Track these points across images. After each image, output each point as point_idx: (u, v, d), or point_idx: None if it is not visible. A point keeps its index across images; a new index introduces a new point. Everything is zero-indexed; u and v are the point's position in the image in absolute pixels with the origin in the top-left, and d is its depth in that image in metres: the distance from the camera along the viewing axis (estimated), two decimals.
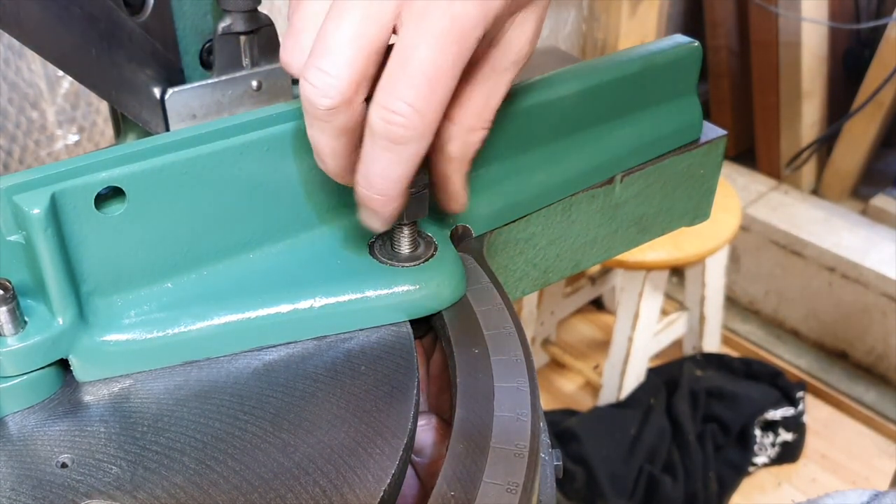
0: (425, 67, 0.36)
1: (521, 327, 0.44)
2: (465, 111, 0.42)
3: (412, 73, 0.36)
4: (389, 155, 0.38)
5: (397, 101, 0.37)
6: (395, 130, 0.37)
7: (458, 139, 0.43)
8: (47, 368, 0.40)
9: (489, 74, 0.42)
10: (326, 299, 0.44)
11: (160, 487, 0.36)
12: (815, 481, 2.00)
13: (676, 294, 2.36)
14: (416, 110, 0.37)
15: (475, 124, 0.43)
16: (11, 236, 0.39)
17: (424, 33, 0.36)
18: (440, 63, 0.36)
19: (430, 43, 0.36)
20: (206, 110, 0.55)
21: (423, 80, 0.36)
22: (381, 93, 0.37)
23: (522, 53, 0.42)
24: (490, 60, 0.42)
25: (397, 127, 0.37)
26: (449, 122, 0.42)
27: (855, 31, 2.37)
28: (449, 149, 0.43)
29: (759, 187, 2.44)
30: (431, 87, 0.37)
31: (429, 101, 0.37)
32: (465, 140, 0.43)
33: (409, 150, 0.38)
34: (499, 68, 0.42)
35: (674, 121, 0.61)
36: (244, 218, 0.45)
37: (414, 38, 0.36)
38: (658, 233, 0.66)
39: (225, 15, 0.53)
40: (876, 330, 2.18)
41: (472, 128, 0.43)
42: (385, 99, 0.37)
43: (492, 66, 0.42)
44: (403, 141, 0.38)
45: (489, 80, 0.42)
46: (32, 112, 1.18)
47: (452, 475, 0.35)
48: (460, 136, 0.43)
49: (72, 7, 0.46)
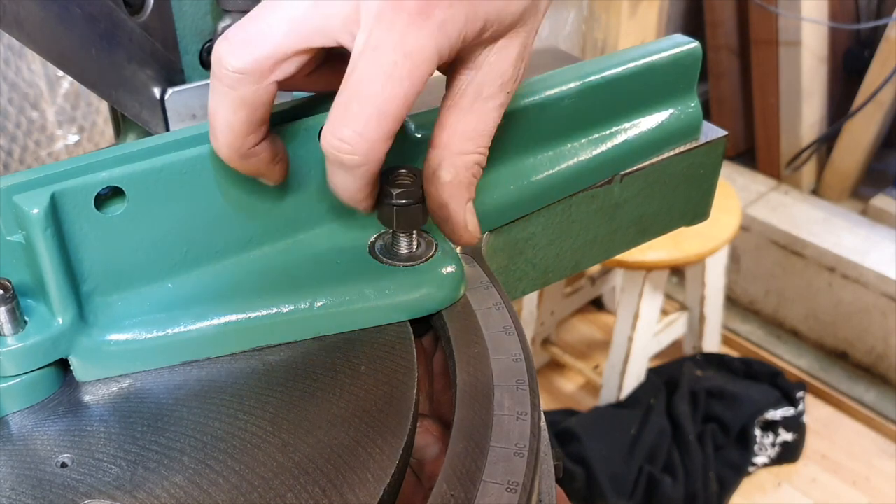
0: (376, 100, 0.37)
1: (521, 327, 0.44)
2: (453, 137, 0.43)
3: (362, 104, 0.38)
4: (343, 174, 0.41)
5: (346, 129, 0.38)
6: (344, 157, 0.39)
7: (448, 163, 0.43)
8: (47, 368, 0.40)
9: (474, 101, 0.42)
10: (326, 299, 0.44)
11: (160, 487, 0.36)
12: (815, 481, 2.00)
13: (676, 294, 2.36)
14: (364, 138, 0.38)
15: (465, 149, 0.43)
16: (11, 236, 0.39)
17: (377, 66, 0.37)
18: (390, 96, 0.38)
19: (381, 76, 0.37)
20: (206, 110, 0.55)
21: (372, 113, 0.38)
22: (333, 121, 0.39)
23: (507, 77, 0.43)
24: (474, 87, 0.42)
25: (345, 154, 0.39)
26: (436, 148, 0.43)
27: (855, 31, 2.37)
28: (440, 174, 0.43)
29: (759, 187, 2.44)
30: (380, 118, 0.38)
31: (377, 130, 0.38)
32: (454, 164, 0.43)
33: (359, 170, 0.40)
34: (484, 94, 0.42)
35: (674, 121, 0.61)
36: (244, 218, 0.45)
37: (366, 71, 0.37)
38: (658, 233, 0.65)
39: (225, 15, 0.53)
40: (876, 330, 2.18)
41: (461, 152, 0.43)
42: (335, 127, 0.39)
43: (477, 93, 0.42)
44: (352, 164, 0.39)
45: (476, 106, 0.43)
46: (32, 112, 1.18)
47: (452, 475, 0.35)
48: (449, 160, 0.43)
49: (72, 7, 0.46)
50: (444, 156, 0.43)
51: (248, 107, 0.39)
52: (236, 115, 0.39)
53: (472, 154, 0.43)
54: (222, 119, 0.39)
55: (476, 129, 0.43)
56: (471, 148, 0.43)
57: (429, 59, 0.38)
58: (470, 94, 0.42)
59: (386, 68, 0.37)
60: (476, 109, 0.43)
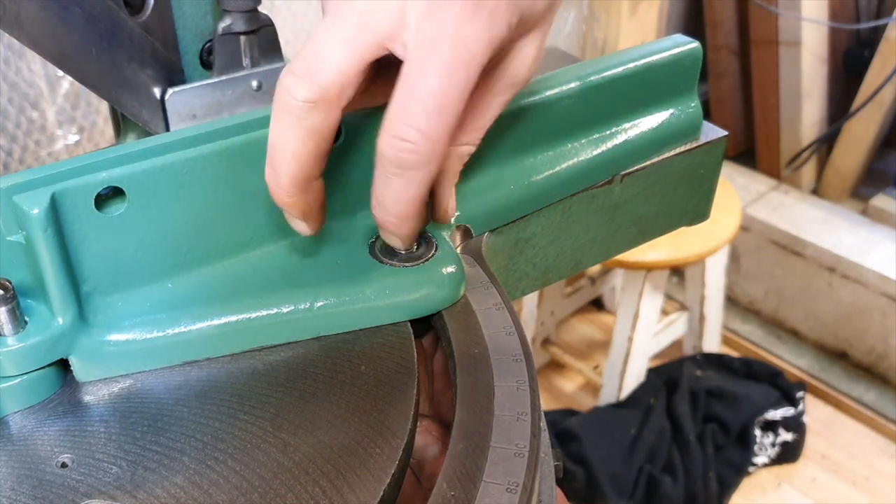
0: (434, 95, 0.37)
1: (521, 327, 0.44)
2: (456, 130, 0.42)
3: (421, 101, 0.37)
4: (401, 180, 0.39)
5: (407, 127, 0.37)
6: (405, 157, 0.38)
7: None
8: (47, 368, 0.40)
9: (483, 95, 0.42)
10: (326, 299, 0.44)
11: (160, 487, 0.36)
12: (815, 481, 2.00)
13: (676, 294, 2.36)
14: (425, 136, 0.37)
15: (463, 140, 0.43)
16: (11, 236, 0.39)
17: (433, 61, 0.37)
18: (448, 90, 0.37)
19: (438, 71, 0.37)
20: (206, 110, 0.55)
21: (432, 107, 0.37)
22: (391, 120, 0.38)
23: (520, 78, 0.43)
24: (487, 82, 0.42)
25: (407, 154, 0.38)
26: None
27: (855, 31, 2.37)
28: None
29: (759, 187, 2.44)
30: (440, 114, 0.37)
31: (438, 126, 0.37)
32: (449, 155, 0.43)
33: (419, 174, 0.39)
34: (494, 90, 0.42)
35: (674, 121, 0.61)
36: (244, 218, 0.45)
37: (422, 66, 0.37)
38: (658, 233, 0.65)
39: (225, 15, 0.53)
40: (876, 330, 2.18)
41: (459, 143, 0.43)
42: (394, 126, 0.38)
43: (487, 88, 0.42)
44: (413, 166, 0.38)
45: (483, 101, 0.43)
46: (32, 112, 1.18)
47: (452, 475, 0.35)
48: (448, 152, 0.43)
49: (72, 7, 0.46)
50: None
51: (317, 136, 0.38)
52: (305, 147, 0.38)
53: (467, 146, 0.44)
54: (289, 151, 0.39)
55: (475, 124, 0.43)
56: (467, 140, 0.43)
57: (483, 50, 0.37)
58: (480, 89, 0.42)
59: (442, 61, 0.37)
60: (482, 104, 0.43)
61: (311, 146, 0.39)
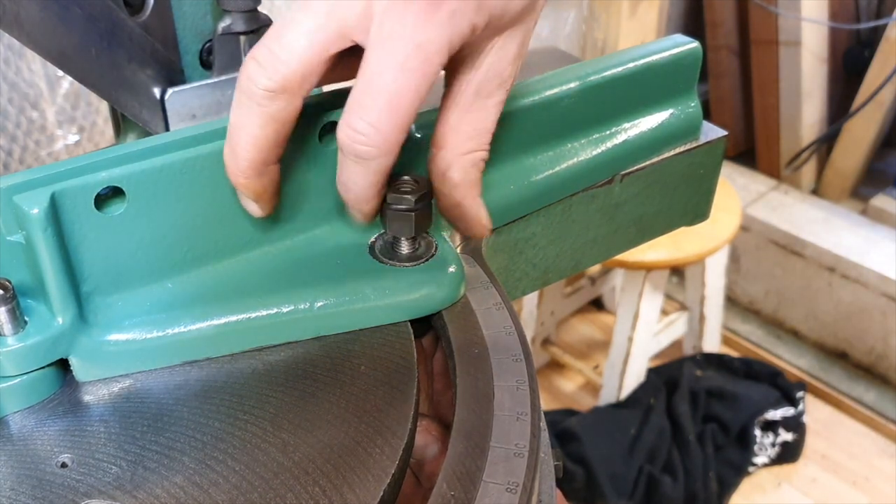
0: (388, 92, 0.38)
1: (521, 327, 0.44)
2: (458, 138, 0.43)
3: (375, 96, 0.38)
4: (357, 167, 0.41)
5: (360, 121, 0.39)
6: (359, 148, 0.39)
7: (457, 164, 0.44)
8: (47, 368, 0.40)
9: (475, 100, 0.43)
10: (326, 299, 0.44)
11: (160, 487, 0.36)
12: (815, 481, 2.00)
13: (676, 294, 2.36)
14: (377, 130, 0.39)
15: (471, 147, 0.44)
16: (11, 236, 0.39)
17: (389, 58, 0.38)
18: (402, 89, 0.38)
19: (393, 69, 0.38)
20: (206, 110, 0.55)
21: (383, 104, 0.38)
22: (348, 113, 0.39)
23: (505, 75, 0.43)
24: (474, 86, 0.43)
25: (360, 145, 0.39)
26: (444, 150, 0.44)
27: (855, 31, 2.37)
28: (451, 175, 0.44)
29: (759, 187, 2.44)
30: (392, 109, 0.38)
31: (389, 122, 0.39)
32: (462, 164, 0.44)
33: (373, 163, 0.40)
34: (483, 93, 0.43)
35: (674, 121, 0.61)
36: (244, 218, 0.45)
37: (379, 63, 0.38)
38: (658, 233, 0.65)
39: (225, 15, 0.53)
40: (876, 330, 2.18)
41: (467, 151, 0.44)
42: (350, 117, 0.39)
43: (476, 92, 0.43)
44: (366, 156, 0.40)
45: (476, 105, 0.43)
46: (32, 112, 1.18)
47: (452, 475, 0.35)
48: (457, 161, 0.44)
49: (72, 7, 0.46)
50: (451, 157, 0.44)
51: (277, 123, 0.40)
52: (264, 131, 0.40)
53: (478, 152, 0.44)
54: (248, 135, 0.40)
55: (478, 128, 0.44)
56: (475, 146, 0.44)
57: (440, 51, 0.38)
58: (470, 94, 0.43)
59: (398, 60, 0.38)
60: (477, 108, 0.43)
61: (271, 132, 0.40)
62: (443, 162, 0.44)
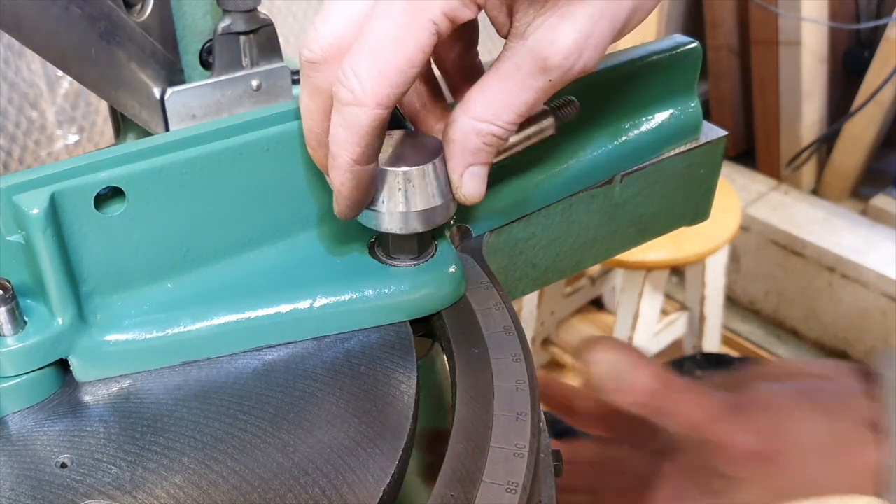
0: (374, 37, 0.38)
1: (521, 327, 0.44)
2: (476, 98, 0.41)
3: (361, 45, 0.39)
4: (338, 117, 0.40)
5: (348, 66, 0.39)
6: (340, 92, 0.39)
7: (460, 123, 0.42)
8: (47, 368, 0.40)
9: (512, 71, 0.40)
10: (326, 299, 0.44)
11: (160, 487, 0.36)
12: None
13: (676, 294, 2.36)
14: (356, 76, 0.38)
15: (482, 114, 0.41)
16: (11, 236, 0.39)
17: (384, 13, 0.38)
18: (389, 35, 0.38)
19: (383, 16, 0.38)
20: (206, 110, 0.55)
21: (368, 50, 0.38)
22: (346, 58, 0.40)
23: (552, 62, 0.39)
24: (516, 58, 0.40)
25: (341, 89, 0.39)
26: (460, 103, 0.42)
27: (855, 31, 2.37)
28: (448, 130, 0.42)
29: (759, 187, 2.44)
30: (375, 57, 0.38)
31: (372, 69, 0.38)
32: (463, 125, 0.42)
33: (351, 113, 0.39)
34: (524, 69, 0.40)
35: (674, 121, 0.61)
36: (244, 218, 0.45)
37: (375, 18, 0.39)
38: (658, 233, 0.65)
39: (225, 15, 0.53)
40: (876, 330, 2.18)
41: (476, 116, 0.41)
42: (343, 64, 0.39)
43: (516, 64, 0.40)
44: (345, 102, 0.39)
45: (512, 78, 0.41)
46: (32, 112, 1.18)
47: (452, 475, 0.35)
48: (462, 119, 0.42)
49: (72, 7, 0.46)
50: (459, 114, 0.42)
51: (322, 94, 0.41)
52: (313, 101, 0.41)
53: (487, 123, 0.41)
54: (304, 105, 0.42)
55: (501, 100, 0.41)
56: (487, 116, 0.41)
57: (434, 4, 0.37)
58: (507, 64, 0.41)
59: (391, 12, 0.38)
60: (509, 80, 0.41)
61: (317, 102, 0.41)
62: (453, 114, 0.42)
